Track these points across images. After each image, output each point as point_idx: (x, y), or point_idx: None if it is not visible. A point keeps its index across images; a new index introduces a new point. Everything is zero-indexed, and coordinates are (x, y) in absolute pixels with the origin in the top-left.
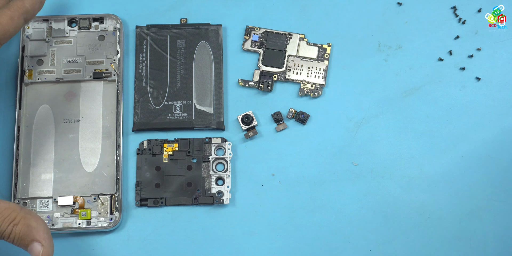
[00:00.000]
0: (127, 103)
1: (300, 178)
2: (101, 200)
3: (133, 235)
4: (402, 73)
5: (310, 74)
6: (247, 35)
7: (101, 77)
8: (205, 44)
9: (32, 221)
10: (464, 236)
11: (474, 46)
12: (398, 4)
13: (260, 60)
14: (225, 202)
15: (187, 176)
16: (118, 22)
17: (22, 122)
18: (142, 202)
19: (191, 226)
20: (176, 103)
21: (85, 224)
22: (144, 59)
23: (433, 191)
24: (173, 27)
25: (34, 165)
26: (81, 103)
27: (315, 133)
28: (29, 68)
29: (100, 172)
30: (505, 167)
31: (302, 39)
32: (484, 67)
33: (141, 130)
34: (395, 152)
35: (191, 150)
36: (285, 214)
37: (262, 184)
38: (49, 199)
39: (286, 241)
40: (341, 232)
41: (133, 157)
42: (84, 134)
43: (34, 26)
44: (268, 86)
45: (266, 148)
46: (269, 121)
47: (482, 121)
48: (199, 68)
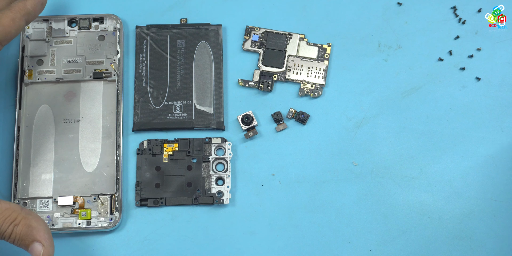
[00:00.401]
0: (127, 103)
1: (300, 178)
2: (101, 200)
3: (133, 235)
4: (402, 73)
5: (310, 74)
6: (247, 35)
7: (101, 77)
8: (205, 44)
9: (33, 222)
10: (464, 236)
11: (474, 46)
12: (398, 4)
13: (260, 60)
14: (225, 202)
15: (187, 176)
16: (118, 22)
17: (22, 122)
18: (142, 202)
19: (191, 226)
20: (176, 103)
21: (85, 224)
22: (144, 59)
23: (433, 191)
24: (173, 27)
25: (34, 165)
26: (81, 103)
27: (315, 133)
28: (29, 68)
29: (100, 172)
30: (505, 167)
31: (302, 39)
32: (484, 67)
33: (141, 130)
34: (395, 152)
35: (191, 150)
36: (285, 214)
37: (262, 184)
38: (49, 199)
39: (286, 241)
40: (341, 232)
41: (133, 157)
42: (84, 134)
43: (34, 26)
44: (268, 86)
45: (266, 148)
46: (269, 121)
47: (482, 121)
48: (199, 68)
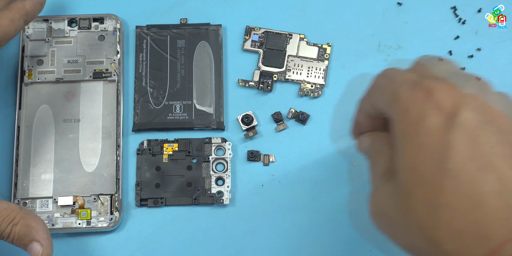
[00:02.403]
0: (127, 103)
1: (300, 178)
2: (101, 200)
3: (133, 235)
4: None
5: (310, 74)
6: (247, 35)
7: (101, 77)
8: (205, 44)
9: (32, 221)
10: None
11: (474, 46)
12: (398, 4)
13: (260, 60)
14: (225, 202)
15: (187, 176)
16: (118, 22)
17: (22, 122)
18: (142, 202)
19: (191, 226)
20: (176, 103)
21: (85, 224)
22: (144, 59)
23: None
24: (173, 27)
25: (34, 165)
26: (81, 103)
27: (315, 133)
28: (29, 68)
29: (100, 172)
30: None
31: (302, 39)
32: (484, 67)
33: (141, 130)
34: None
35: (191, 150)
36: (285, 214)
37: (262, 184)
38: (49, 199)
39: (286, 241)
40: (341, 232)
41: (133, 157)
42: (84, 134)
43: (34, 26)
44: (268, 86)
45: (266, 148)
46: (269, 121)
47: None
48: (199, 68)
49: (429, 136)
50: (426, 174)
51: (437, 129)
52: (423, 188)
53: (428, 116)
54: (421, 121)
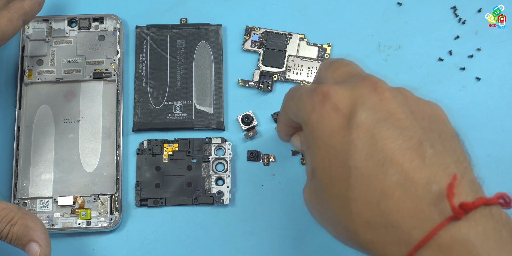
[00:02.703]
0: (127, 103)
1: (300, 178)
2: (101, 200)
3: (133, 235)
4: (402, 73)
5: (310, 74)
6: (247, 35)
7: (101, 77)
8: (205, 44)
9: (30, 221)
10: None
11: (474, 46)
12: (398, 4)
13: (260, 60)
14: (225, 202)
15: (187, 176)
16: (118, 22)
17: (22, 122)
18: (142, 202)
19: (191, 226)
20: (176, 103)
21: (85, 224)
22: (144, 59)
23: None
24: (173, 27)
25: (34, 165)
26: (81, 103)
27: None
28: (29, 68)
29: (100, 172)
30: (505, 167)
31: (302, 39)
32: (484, 67)
33: (141, 130)
34: None
35: (191, 150)
36: (285, 214)
37: (262, 184)
38: (49, 199)
39: (286, 241)
40: None
41: (133, 157)
42: (84, 134)
43: (34, 26)
44: (268, 86)
45: (266, 148)
46: (269, 121)
47: (482, 121)
48: (199, 68)
49: (332, 138)
50: (335, 173)
51: (338, 130)
52: (334, 185)
53: (328, 119)
54: (322, 124)
